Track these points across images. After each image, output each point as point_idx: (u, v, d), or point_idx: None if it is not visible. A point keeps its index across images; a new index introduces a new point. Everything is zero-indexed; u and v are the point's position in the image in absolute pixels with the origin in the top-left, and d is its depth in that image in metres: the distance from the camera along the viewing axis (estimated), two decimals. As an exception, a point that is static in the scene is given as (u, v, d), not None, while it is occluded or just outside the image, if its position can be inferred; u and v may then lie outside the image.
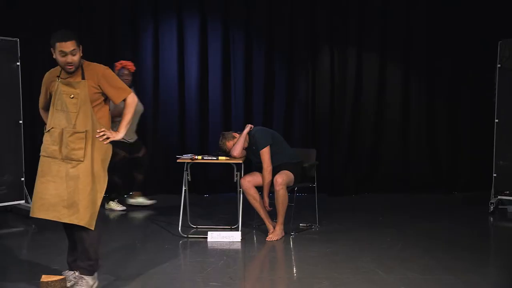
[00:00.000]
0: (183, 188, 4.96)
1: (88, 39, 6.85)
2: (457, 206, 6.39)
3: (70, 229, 3.48)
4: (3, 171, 5.53)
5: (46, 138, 3.50)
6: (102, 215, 3.97)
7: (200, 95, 6.99)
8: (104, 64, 3.67)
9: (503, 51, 5.87)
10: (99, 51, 6.71)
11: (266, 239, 4.81)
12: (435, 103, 7.07)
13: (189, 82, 6.99)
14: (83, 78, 3.42)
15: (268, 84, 7.01)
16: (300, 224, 5.27)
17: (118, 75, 5.48)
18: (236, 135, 5.04)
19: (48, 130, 3.47)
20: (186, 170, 4.93)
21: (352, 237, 4.88)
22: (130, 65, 5.93)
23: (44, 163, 3.48)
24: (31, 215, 3.46)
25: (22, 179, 5.71)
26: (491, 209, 5.84)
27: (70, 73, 3.42)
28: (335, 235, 4.94)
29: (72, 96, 3.40)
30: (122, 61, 5.98)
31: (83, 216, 3.31)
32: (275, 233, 4.83)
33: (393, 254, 4.38)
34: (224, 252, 4.45)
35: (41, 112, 3.72)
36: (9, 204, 5.67)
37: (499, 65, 5.92)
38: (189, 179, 4.98)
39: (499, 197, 5.90)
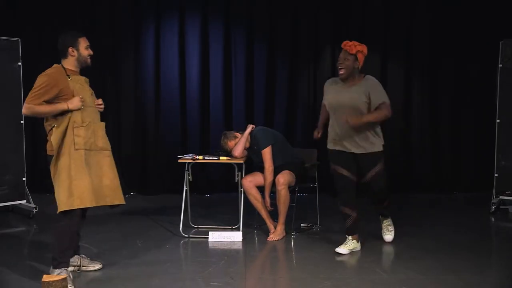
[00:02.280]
0: (184, 188, 4.96)
1: (89, 40, 6.86)
2: (459, 206, 6.39)
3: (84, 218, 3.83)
4: (4, 171, 5.54)
5: (81, 132, 3.59)
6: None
7: (202, 95, 6.99)
8: (105, 65, 3.84)
9: (504, 51, 5.86)
10: (100, 52, 6.71)
11: (267, 239, 4.81)
12: (437, 103, 7.05)
13: (190, 82, 6.99)
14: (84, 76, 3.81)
15: (269, 84, 7.00)
16: (301, 224, 5.27)
17: None
18: (238, 135, 5.04)
19: (86, 125, 3.63)
20: (187, 170, 4.94)
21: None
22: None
23: (82, 156, 3.59)
24: (85, 205, 3.57)
25: (24, 179, 5.72)
26: (493, 210, 5.83)
27: (79, 70, 3.77)
28: (336, 235, 4.93)
29: (92, 93, 3.78)
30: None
31: (122, 196, 3.79)
32: (276, 233, 4.83)
33: (395, 254, 4.38)
34: (225, 252, 4.45)
35: (35, 107, 3.54)
36: (11, 204, 5.68)
37: (500, 65, 5.91)
38: (190, 179, 4.98)
39: (500, 197, 5.89)
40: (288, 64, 6.98)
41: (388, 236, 4.72)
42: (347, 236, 4.45)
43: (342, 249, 4.38)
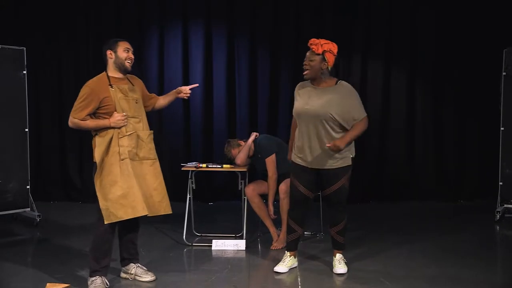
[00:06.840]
0: (188, 196, 4.97)
1: (95, 48, 6.91)
2: (463, 215, 6.36)
3: (127, 228, 3.83)
4: (9, 179, 5.55)
5: (125, 142, 3.63)
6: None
7: (205, 102, 7.00)
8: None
9: (508, 59, 5.86)
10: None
11: (271, 248, 4.80)
12: (441, 111, 7.04)
13: (194, 90, 6.94)
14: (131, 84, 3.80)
15: (273, 91, 7.01)
16: (305, 232, 5.25)
17: None
18: (242, 142, 5.05)
19: (129, 134, 3.67)
20: (191, 178, 4.94)
21: (357, 246, 4.86)
22: None
23: (128, 165, 3.63)
24: (138, 214, 3.60)
25: (28, 187, 5.73)
26: (497, 218, 5.80)
27: (123, 76, 3.75)
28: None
29: (136, 101, 3.76)
30: None
31: (169, 206, 3.88)
32: (279, 241, 4.82)
33: (399, 263, 4.36)
34: (228, 261, 4.44)
35: (80, 122, 3.62)
36: (15, 212, 5.69)
37: (504, 73, 5.91)
38: (194, 187, 4.99)
39: (505, 205, 5.87)
40: (292, 71, 6.98)
41: (340, 268, 4.11)
42: (286, 251, 4.24)
43: (281, 268, 4.14)
